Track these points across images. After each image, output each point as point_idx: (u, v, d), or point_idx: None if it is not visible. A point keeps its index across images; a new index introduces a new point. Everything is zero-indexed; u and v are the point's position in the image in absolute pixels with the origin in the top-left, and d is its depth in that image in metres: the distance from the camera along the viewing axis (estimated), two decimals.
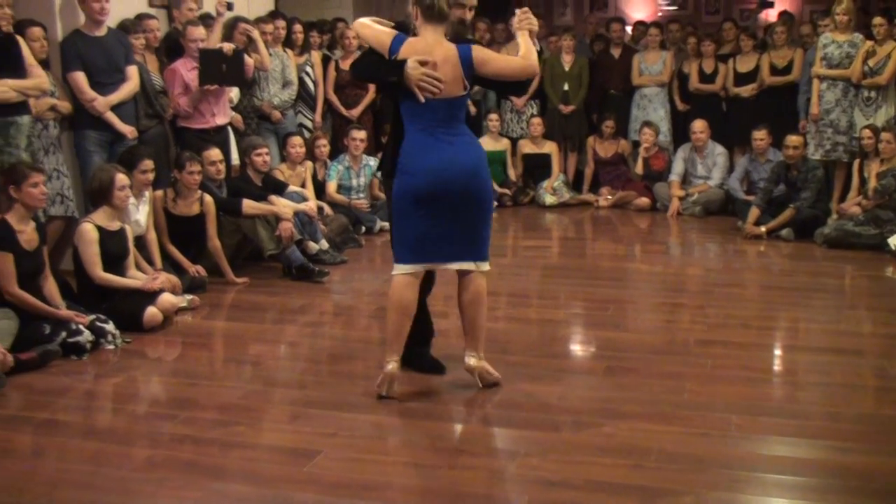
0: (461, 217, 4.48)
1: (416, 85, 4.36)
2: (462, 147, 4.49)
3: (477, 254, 4.58)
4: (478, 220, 4.54)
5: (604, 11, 14.23)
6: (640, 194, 10.16)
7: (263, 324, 6.09)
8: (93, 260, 5.78)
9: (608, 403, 4.53)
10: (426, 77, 4.35)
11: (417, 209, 4.46)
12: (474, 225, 4.53)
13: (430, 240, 4.49)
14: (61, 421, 4.45)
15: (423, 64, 4.37)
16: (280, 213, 7.14)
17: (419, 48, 4.42)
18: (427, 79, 4.35)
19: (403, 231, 4.55)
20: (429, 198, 4.44)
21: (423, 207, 4.45)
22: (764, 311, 6.29)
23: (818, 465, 3.89)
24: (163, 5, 7.87)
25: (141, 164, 6.40)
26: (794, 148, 8.66)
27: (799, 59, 9.75)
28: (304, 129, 9.13)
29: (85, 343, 5.28)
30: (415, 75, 4.35)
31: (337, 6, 11.47)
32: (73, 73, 6.65)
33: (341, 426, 4.26)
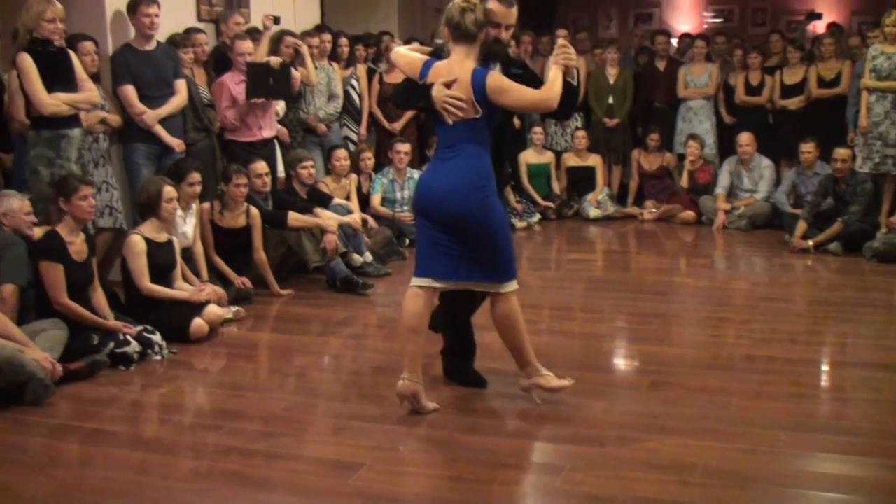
0: (462, 238, 4.45)
1: (441, 108, 4.39)
2: (447, 169, 4.45)
3: (492, 275, 4.51)
4: (480, 242, 4.45)
5: (649, 24, 14.17)
6: (686, 207, 10.10)
7: (308, 336, 6.12)
8: (141, 271, 5.84)
9: (653, 418, 4.49)
10: (449, 99, 4.37)
11: (422, 224, 4.54)
12: (478, 246, 4.46)
13: (439, 256, 4.50)
14: (108, 431, 4.50)
15: (448, 86, 4.39)
16: (325, 226, 7.18)
17: (443, 71, 4.45)
18: (450, 100, 4.37)
19: (418, 244, 4.63)
20: (421, 214, 4.54)
21: (424, 223, 4.52)
22: (811, 326, 6.22)
23: (867, 482, 3.84)
24: (211, 20, 7.96)
25: (188, 176, 6.47)
26: (843, 161, 8.56)
27: (847, 71, 9.65)
28: (350, 141, 9.17)
29: (132, 353, 5.34)
30: (439, 98, 4.38)
31: (383, 20, 11.53)
32: (122, 87, 6.74)
33: (385, 439, 4.27)
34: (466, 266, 4.49)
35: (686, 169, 10.17)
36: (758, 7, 14.30)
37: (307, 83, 8.27)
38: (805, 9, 13.43)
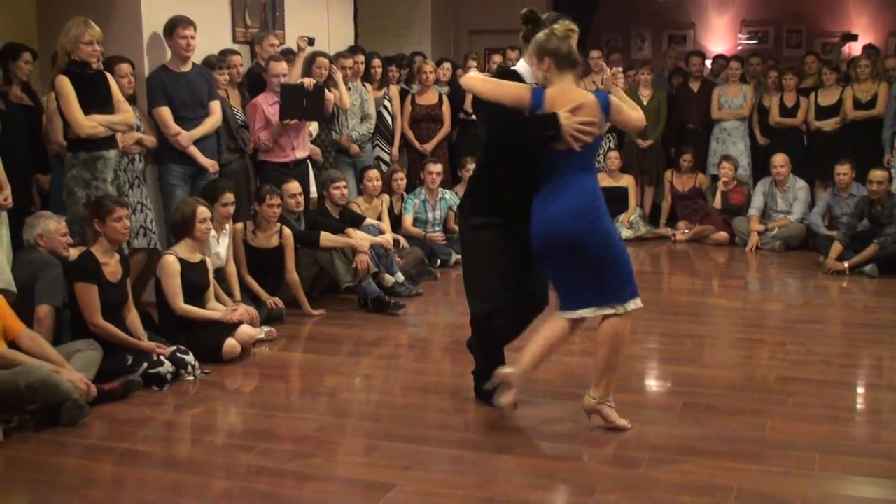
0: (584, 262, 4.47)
1: (570, 135, 4.34)
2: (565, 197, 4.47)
3: (616, 295, 4.50)
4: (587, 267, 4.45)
5: (682, 45, 14.14)
6: (719, 228, 10.04)
7: (339, 356, 6.13)
8: (174, 291, 5.88)
9: (686, 440, 4.46)
10: (580, 126, 4.35)
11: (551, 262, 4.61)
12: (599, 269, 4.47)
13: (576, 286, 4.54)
14: (142, 451, 4.52)
15: (573, 112, 4.37)
16: (356, 246, 7.20)
17: (561, 98, 4.40)
18: (582, 127, 4.35)
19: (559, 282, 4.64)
20: (547, 253, 4.58)
21: (551, 260, 4.57)
22: (847, 349, 6.16)
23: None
24: (246, 41, 8.04)
25: (222, 197, 6.51)
26: (879, 183, 8.49)
27: (883, 92, 9.59)
28: (382, 162, 9.21)
29: (165, 374, 5.36)
30: (570, 126, 4.33)
31: (416, 42, 11.61)
32: (158, 108, 6.81)
33: (416, 459, 4.27)
34: (592, 291, 4.46)
35: (719, 190, 10.12)
36: (793, 29, 14.24)
37: (340, 106, 8.32)
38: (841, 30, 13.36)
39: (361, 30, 10.84)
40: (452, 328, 6.80)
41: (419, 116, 9.53)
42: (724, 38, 14.47)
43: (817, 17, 14.05)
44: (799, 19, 14.11)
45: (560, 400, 5.02)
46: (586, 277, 4.44)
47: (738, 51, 13.61)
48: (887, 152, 9.23)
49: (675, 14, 14.57)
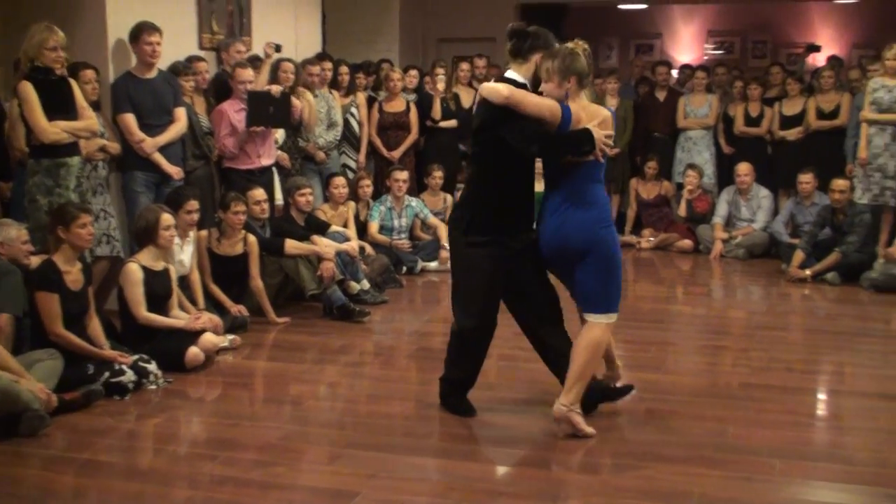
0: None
1: (600, 149, 4.50)
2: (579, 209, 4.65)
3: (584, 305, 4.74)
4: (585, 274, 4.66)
5: (649, 55, 14.25)
6: (683, 236, 10.11)
7: (304, 364, 6.11)
8: (137, 300, 5.84)
9: (649, 446, 4.49)
10: (605, 140, 4.51)
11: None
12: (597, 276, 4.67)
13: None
14: (103, 461, 4.48)
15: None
16: (322, 253, 7.18)
17: (585, 114, 4.59)
18: (607, 140, 4.52)
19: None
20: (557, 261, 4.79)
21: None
22: (808, 355, 6.22)
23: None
24: (212, 48, 8.01)
25: (187, 204, 6.47)
26: (841, 192, 8.58)
27: (846, 103, 9.70)
28: (348, 169, 9.21)
29: (128, 383, 5.31)
30: (600, 139, 4.48)
31: (384, 49, 11.62)
32: (122, 115, 6.76)
33: (381, 467, 4.26)
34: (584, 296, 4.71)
35: (684, 198, 10.19)
36: (758, 39, 14.40)
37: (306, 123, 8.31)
38: (805, 42, 13.51)
39: (329, 37, 10.85)
40: (418, 335, 6.82)
41: (387, 124, 9.53)
42: (690, 47, 14.60)
43: (782, 28, 14.21)
44: (764, 30, 14.27)
45: (524, 407, 5.03)
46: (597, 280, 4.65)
47: (704, 60, 13.74)
48: (849, 162, 9.32)
49: (643, 24, 14.68)
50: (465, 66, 10.29)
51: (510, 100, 4.47)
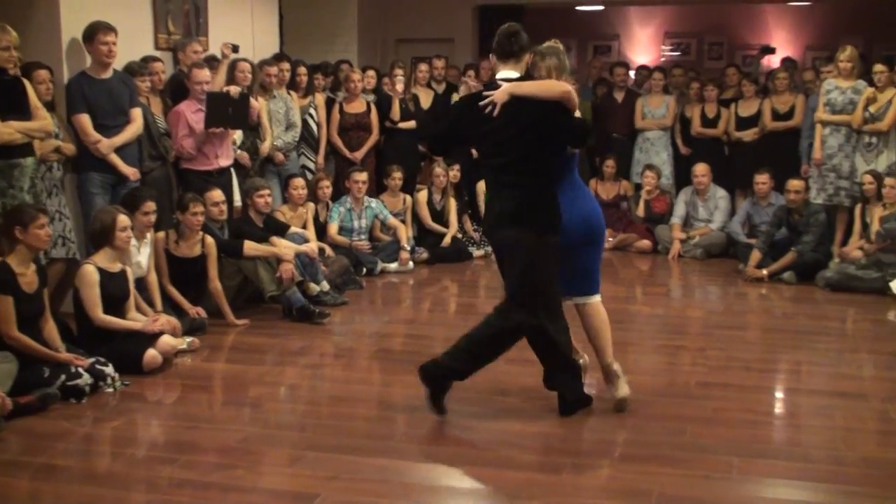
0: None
1: None
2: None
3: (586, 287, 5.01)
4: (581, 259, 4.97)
5: (607, 56, 14.33)
6: (642, 237, 10.17)
7: (263, 366, 6.07)
8: (93, 302, 5.77)
9: (609, 445, 4.52)
10: None
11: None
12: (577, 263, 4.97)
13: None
14: (59, 466, 4.42)
15: None
16: (281, 255, 7.15)
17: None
18: None
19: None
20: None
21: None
22: (766, 354, 6.28)
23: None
24: (168, 48, 7.94)
25: (143, 205, 6.41)
26: (796, 192, 8.68)
27: (800, 104, 9.81)
28: (307, 170, 9.17)
29: (84, 386, 5.25)
30: None
31: (342, 50, 11.57)
32: (77, 115, 6.68)
33: (341, 469, 4.25)
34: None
35: (642, 199, 10.26)
36: (714, 41, 14.53)
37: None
38: (760, 43, 13.66)
39: (287, 37, 10.79)
40: (378, 337, 6.80)
41: (348, 125, 9.50)
42: (647, 49, 14.70)
43: (738, 30, 14.35)
44: (720, 32, 14.41)
45: (483, 408, 5.03)
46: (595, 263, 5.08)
47: (661, 62, 13.84)
48: (804, 162, 9.44)
49: (600, 25, 14.76)
50: (424, 67, 10.30)
51: (570, 93, 4.71)
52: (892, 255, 8.07)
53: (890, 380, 5.65)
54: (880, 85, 8.66)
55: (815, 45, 13.72)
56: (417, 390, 5.23)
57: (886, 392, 5.42)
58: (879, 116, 8.60)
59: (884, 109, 8.58)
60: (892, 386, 5.53)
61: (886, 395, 5.36)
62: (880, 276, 7.98)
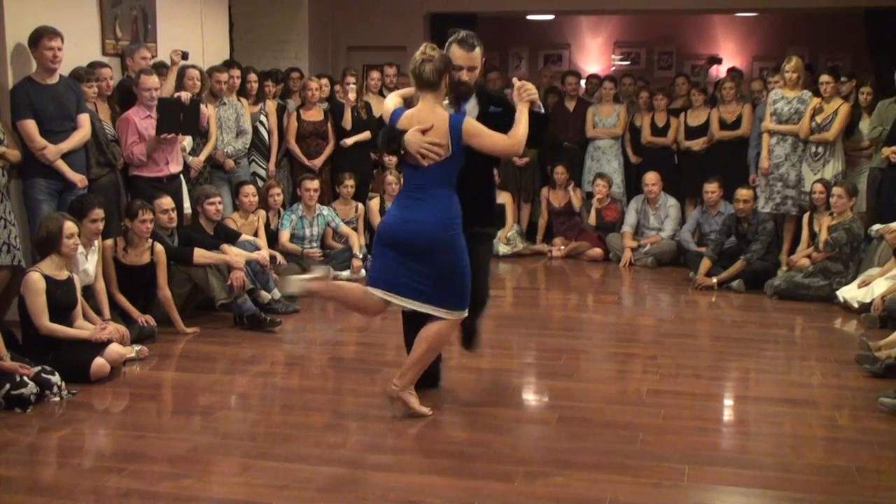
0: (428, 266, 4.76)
1: (417, 153, 4.69)
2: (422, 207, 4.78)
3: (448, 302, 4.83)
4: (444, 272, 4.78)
5: (558, 65, 14.39)
6: (593, 245, 10.22)
7: (214, 374, 6.01)
8: (39, 310, 5.68)
9: (561, 453, 4.52)
10: (426, 145, 4.67)
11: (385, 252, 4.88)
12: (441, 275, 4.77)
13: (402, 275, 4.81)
14: (3, 476, 4.34)
15: (424, 132, 4.70)
16: (232, 262, 7.09)
17: (416, 118, 4.77)
18: (427, 146, 4.68)
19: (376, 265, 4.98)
20: (389, 245, 4.85)
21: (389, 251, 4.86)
22: (715, 362, 6.32)
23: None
24: (116, 54, 7.85)
25: (91, 212, 6.32)
26: (745, 201, 8.77)
27: (747, 113, 9.93)
28: (258, 177, 9.11)
29: (29, 395, 5.16)
30: (415, 143, 4.68)
31: (293, 57, 11.51)
32: (23, 121, 6.57)
33: (292, 478, 4.22)
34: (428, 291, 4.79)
35: (594, 207, 10.31)
36: (663, 51, 14.65)
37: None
38: (708, 53, 13.80)
39: (237, 44, 10.73)
40: (330, 345, 6.77)
41: (306, 133, 9.46)
42: (597, 58, 14.79)
43: (687, 40, 14.49)
44: (669, 42, 14.53)
45: (435, 417, 5.01)
46: (425, 278, 4.77)
47: (611, 71, 13.92)
48: (752, 172, 9.55)
49: (551, 34, 14.83)
50: (376, 75, 10.28)
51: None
52: (839, 263, 8.18)
53: (837, 387, 5.72)
54: (826, 96, 8.80)
55: (763, 55, 13.89)
56: (369, 399, 5.25)
57: (834, 399, 5.49)
58: (826, 127, 8.73)
59: (830, 120, 8.72)
60: (840, 393, 5.59)
61: (834, 402, 5.43)
62: (827, 284, 8.09)
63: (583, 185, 10.75)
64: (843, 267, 8.17)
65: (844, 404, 5.37)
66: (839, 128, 8.70)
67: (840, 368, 6.08)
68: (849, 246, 8.17)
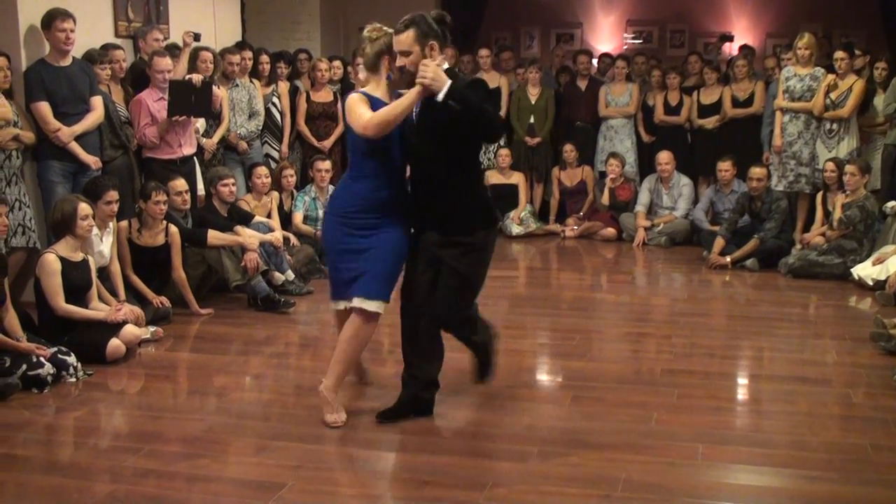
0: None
1: None
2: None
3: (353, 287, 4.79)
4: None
5: (570, 44, 14.32)
6: (606, 225, 10.21)
7: (228, 355, 6.03)
8: (55, 291, 5.71)
9: (575, 433, 4.52)
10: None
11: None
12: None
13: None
14: (21, 456, 4.38)
15: None
16: (245, 244, 7.11)
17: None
18: None
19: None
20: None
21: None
22: (729, 341, 6.32)
23: (785, 493, 3.91)
24: (129, 35, 7.85)
25: (105, 194, 6.34)
26: (758, 179, 8.74)
27: (760, 91, 9.88)
28: (271, 159, 9.11)
29: (46, 376, 5.19)
30: None
31: (305, 38, 11.50)
32: (36, 103, 6.59)
33: (306, 458, 4.23)
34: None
35: (607, 186, 10.28)
36: (676, 29, 14.56)
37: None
38: (722, 31, 13.72)
39: (249, 25, 10.70)
40: None
41: (315, 114, 9.46)
42: (610, 37, 14.71)
43: (699, 18, 14.40)
44: (681, 20, 14.44)
45: (448, 397, 5.01)
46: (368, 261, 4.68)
47: (623, 50, 13.85)
48: (766, 150, 9.51)
49: (563, 13, 14.76)
50: None
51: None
52: (854, 241, 8.15)
53: (852, 365, 5.71)
54: (841, 72, 8.74)
55: (776, 32, 13.78)
56: (382, 379, 5.25)
57: (849, 377, 5.48)
58: (840, 103, 8.69)
59: (844, 96, 8.67)
60: (855, 371, 5.58)
61: (849, 380, 5.42)
62: (842, 262, 8.07)
63: (595, 164, 10.72)
64: (857, 244, 8.14)
65: (859, 382, 5.36)
66: (854, 104, 8.66)
67: (855, 346, 6.07)
68: (863, 223, 8.13)
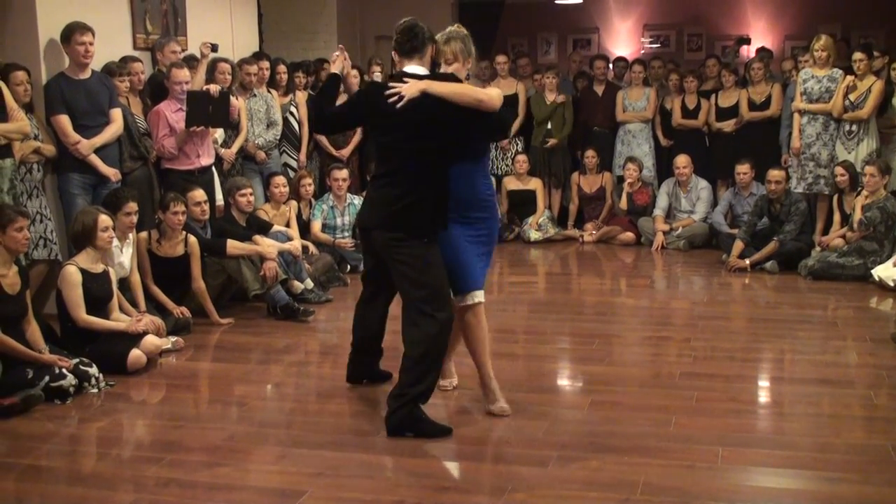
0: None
1: None
2: None
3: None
4: None
5: (587, 49, 14.32)
6: (625, 229, 10.19)
7: (248, 364, 6.06)
8: (76, 302, 5.75)
9: (595, 437, 4.52)
10: None
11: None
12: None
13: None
14: (44, 467, 4.41)
15: None
16: (264, 253, 7.13)
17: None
18: None
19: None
20: None
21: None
22: (749, 343, 6.30)
23: (807, 496, 3.90)
24: (147, 48, 7.90)
25: (125, 206, 6.38)
26: (777, 182, 8.71)
27: (777, 94, 9.85)
28: (289, 168, 9.15)
29: (68, 387, 5.22)
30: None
31: (322, 47, 11.53)
32: (56, 116, 6.65)
33: (327, 465, 4.25)
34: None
35: (625, 191, 10.27)
36: (693, 33, 14.54)
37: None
38: (739, 34, 13.69)
39: (266, 36, 10.74)
40: None
41: None
42: (627, 41, 14.70)
43: (716, 21, 14.37)
44: (699, 23, 14.42)
45: (468, 402, 5.03)
46: None
47: (640, 54, 13.84)
48: (784, 152, 9.49)
49: (580, 19, 14.76)
50: None
51: (485, 101, 4.59)
52: (874, 242, 8.11)
53: (874, 366, 5.68)
54: (860, 73, 8.71)
55: (794, 34, 13.74)
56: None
57: (870, 379, 5.45)
58: (859, 105, 8.65)
59: (863, 97, 8.63)
60: (876, 372, 5.56)
61: (870, 381, 5.40)
62: (862, 264, 8.03)
63: (613, 169, 10.71)
64: (877, 246, 8.10)
65: (881, 383, 5.33)
66: (873, 105, 8.62)
67: (876, 347, 6.04)
68: (883, 224, 8.09)
